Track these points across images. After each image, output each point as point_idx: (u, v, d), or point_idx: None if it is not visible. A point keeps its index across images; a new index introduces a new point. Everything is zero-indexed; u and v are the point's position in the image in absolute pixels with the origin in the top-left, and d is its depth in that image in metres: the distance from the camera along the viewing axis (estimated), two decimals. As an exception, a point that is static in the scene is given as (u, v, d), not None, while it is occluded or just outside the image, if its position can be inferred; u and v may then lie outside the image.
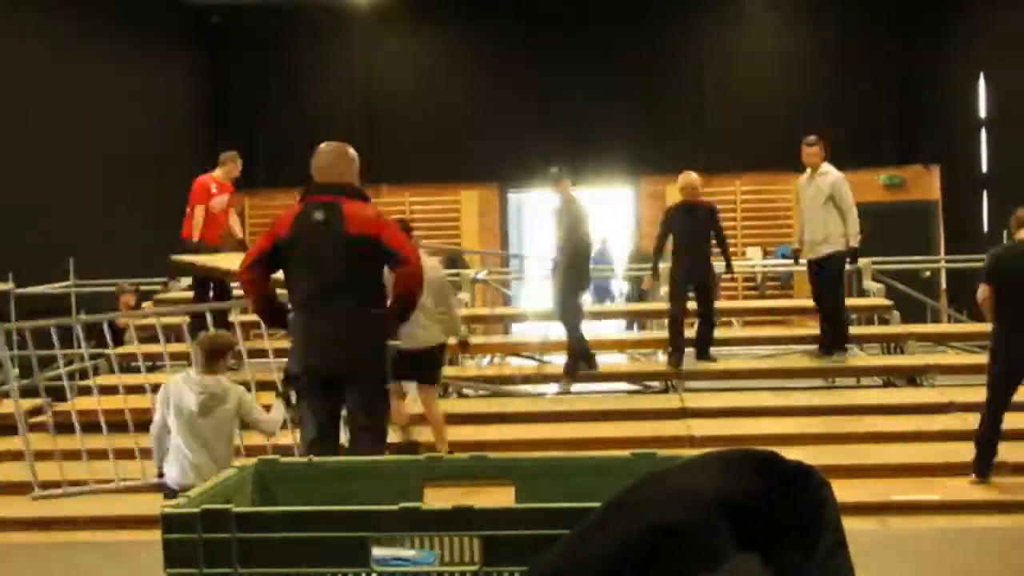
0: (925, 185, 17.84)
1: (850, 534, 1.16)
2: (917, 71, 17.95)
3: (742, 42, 18.32)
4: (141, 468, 7.24)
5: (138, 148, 15.45)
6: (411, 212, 18.23)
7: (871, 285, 11.59)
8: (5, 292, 11.30)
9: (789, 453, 1.17)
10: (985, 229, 15.10)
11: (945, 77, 17.25)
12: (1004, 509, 6.66)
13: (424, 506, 2.90)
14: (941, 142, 17.47)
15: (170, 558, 2.75)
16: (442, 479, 3.36)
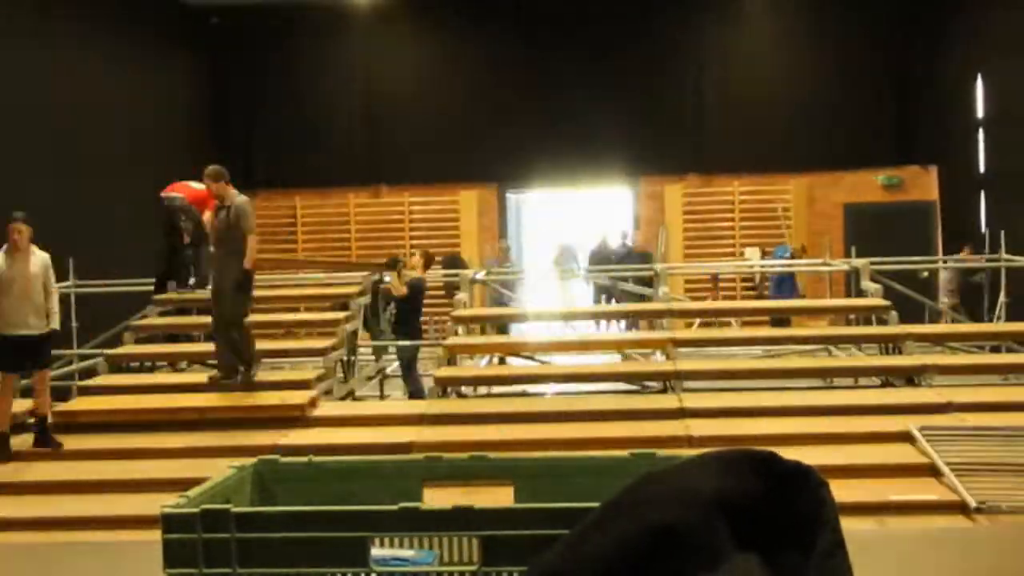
0: (923, 185, 17.85)
1: (848, 534, 1.17)
2: (915, 72, 17.95)
3: (741, 43, 18.32)
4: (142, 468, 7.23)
5: (138, 148, 15.44)
6: (410, 212, 18.22)
7: (869, 285, 11.59)
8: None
9: (787, 453, 1.18)
10: (983, 229, 15.09)
11: (943, 78, 17.25)
12: (1002, 509, 6.66)
13: (423, 506, 2.91)
14: (939, 143, 17.48)
15: (170, 558, 2.75)
16: (441, 479, 3.36)
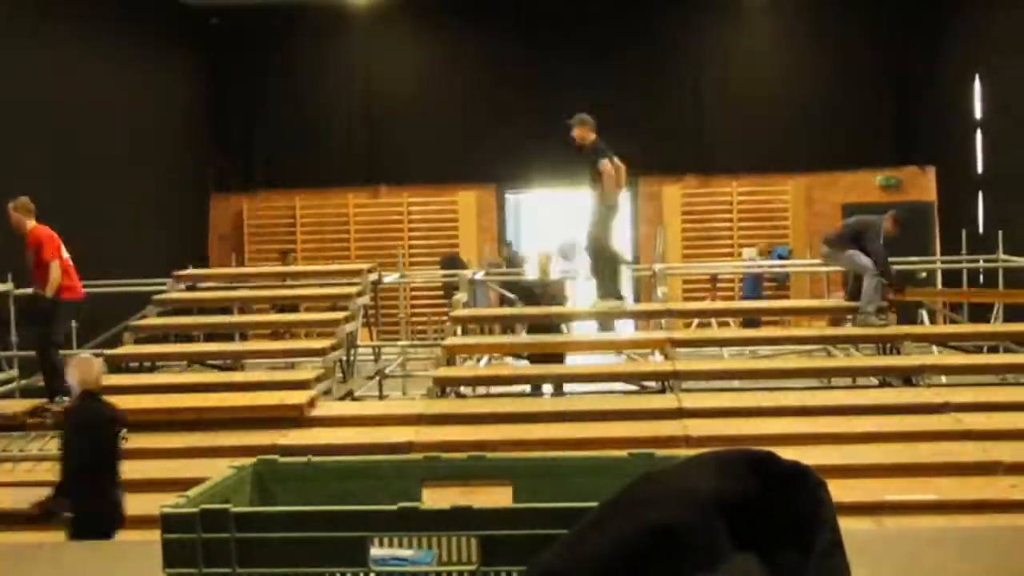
0: (921, 186, 17.86)
1: (846, 534, 1.17)
2: (913, 73, 17.97)
3: (740, 44, 18.34)
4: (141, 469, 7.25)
5: (138, 149, 15.45)
6: (409, 212, 18.23)
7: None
8: (4, 293, 11.29)
9: (785, 453, 1.18)
10: (981, 230, 15.11)
11: (941, 79, 17.26)
12: (1000, 509, 6.68)
13: (422, 506, 2.92)
14: (937, 143, 17.49)
15: (169, 558, 2.76)
16: (440, 479, 3.37)
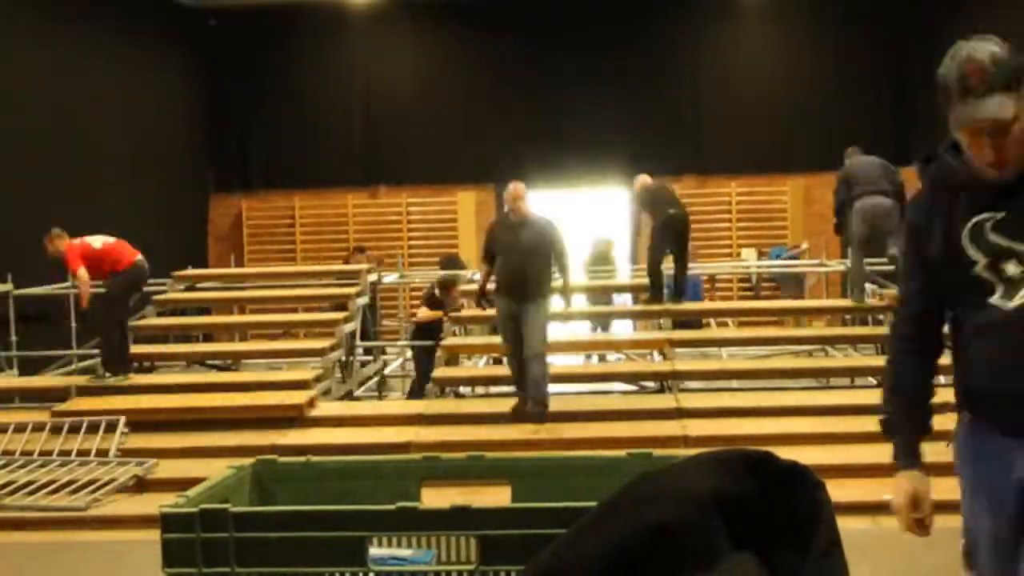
0: (919, 186, 17.84)
1: (844, 533, 1.18)
2: (912, 73, 17.95)
3: (739, 43, 18.32)
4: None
5: (137, 149, 15.45)
6: (408, 213, 18.23)
7: (866, 286, 11.61)
8: (3, 293, 11.29)
9: (783, 453, 1.19)
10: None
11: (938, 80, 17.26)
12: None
13: (421, 506, 2.92)
14: (934, 144, 17.44)
15: (168, 557, 2.76)
16: (439, 479, 3.37)
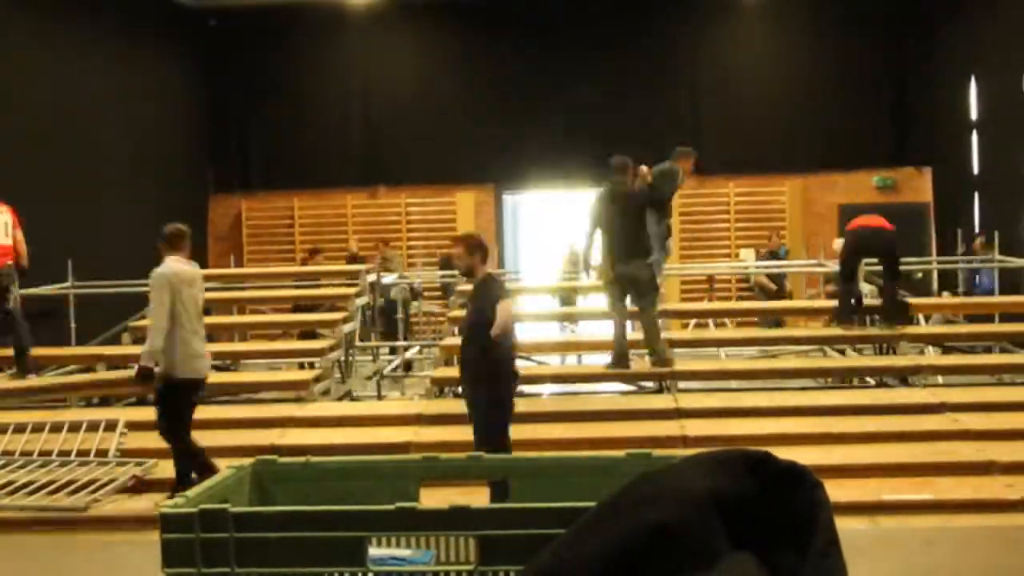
0: (917, 187, 17.88)
1: (842, 533, 1.18)
2: (910, 74, 17.98)
3: (738, 44, 18.34)
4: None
5: (136, 150, 15.45)
6: (407, 213, 18.23)
7: (863, 286, 11.63)
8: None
9: (782, 453, 1.19)
10: (976, 231, 15.13)
11: (937, 80, 17.29)
12: (995, 508, 6.69)
13: (420, 506, 2.92)
14: (933, 144, 17.51)
15: (168, 557, 2.76)
16: (438, 479, 3.38)
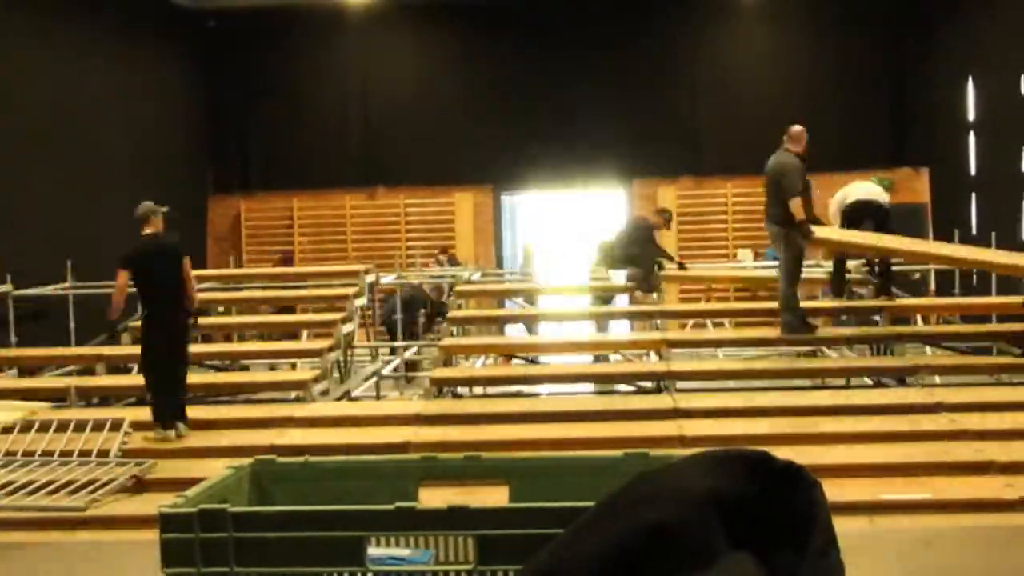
0: (915, 187, 17.90)
1: (840, 533, 1.19)
2: (908, 75, 18.00)
3: (737, 45, 18.36)
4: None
5: (135, 150, 15.46)
6: (406, 214, 18.24)
7: (861, 287, 11.64)
8: (3, 294, 11.28)
9: (780, 453, 1.20)
10: (974, 231, 15.15)
11: (935, 80, 17.31)
12: (993, 508, 6.70)
13: (419, 506, 2.92)
14: (930, 145, 17.53)
15: (167, 557, 2.76)
16: (437, 479, 3.38)
